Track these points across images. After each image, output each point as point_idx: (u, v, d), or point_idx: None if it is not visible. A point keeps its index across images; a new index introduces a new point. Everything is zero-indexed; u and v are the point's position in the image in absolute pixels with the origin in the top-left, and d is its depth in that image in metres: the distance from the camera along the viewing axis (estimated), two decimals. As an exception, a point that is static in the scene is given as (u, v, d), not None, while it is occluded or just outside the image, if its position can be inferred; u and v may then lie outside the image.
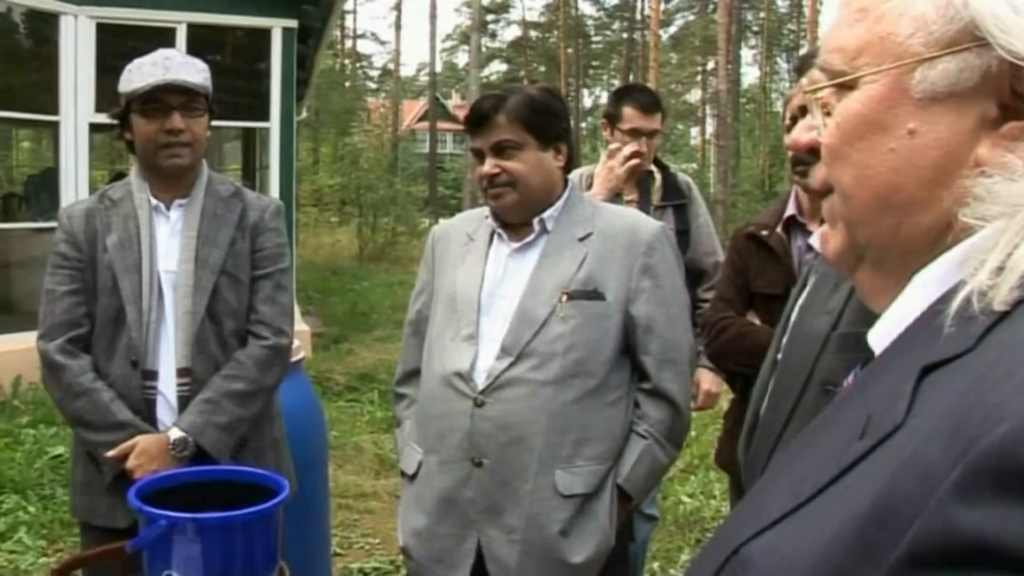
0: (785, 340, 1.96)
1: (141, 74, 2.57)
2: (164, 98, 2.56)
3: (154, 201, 2.67)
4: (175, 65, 2.58)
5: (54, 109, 8.33)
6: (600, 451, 2.38)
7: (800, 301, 1.97)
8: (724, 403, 4.07)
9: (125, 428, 2.53)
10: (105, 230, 2.62)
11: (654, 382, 2.42)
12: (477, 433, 2.36)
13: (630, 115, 3.65)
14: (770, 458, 1.74)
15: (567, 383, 2.34)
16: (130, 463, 2.50)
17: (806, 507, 0.64)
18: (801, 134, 0.87)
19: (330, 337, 10.25)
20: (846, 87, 0.77)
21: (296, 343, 3.66)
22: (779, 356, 1.96)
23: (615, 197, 3.51)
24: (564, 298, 2.37)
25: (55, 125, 8.51)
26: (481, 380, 2.37)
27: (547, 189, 2.46)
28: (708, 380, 3.55)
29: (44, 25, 8.60)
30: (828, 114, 0.80)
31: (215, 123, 2.79)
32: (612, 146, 3.54)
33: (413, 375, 2.63)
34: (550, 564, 2.35)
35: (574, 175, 3.25)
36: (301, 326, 8.87)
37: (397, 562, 4.37)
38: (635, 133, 3.61)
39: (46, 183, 10.33)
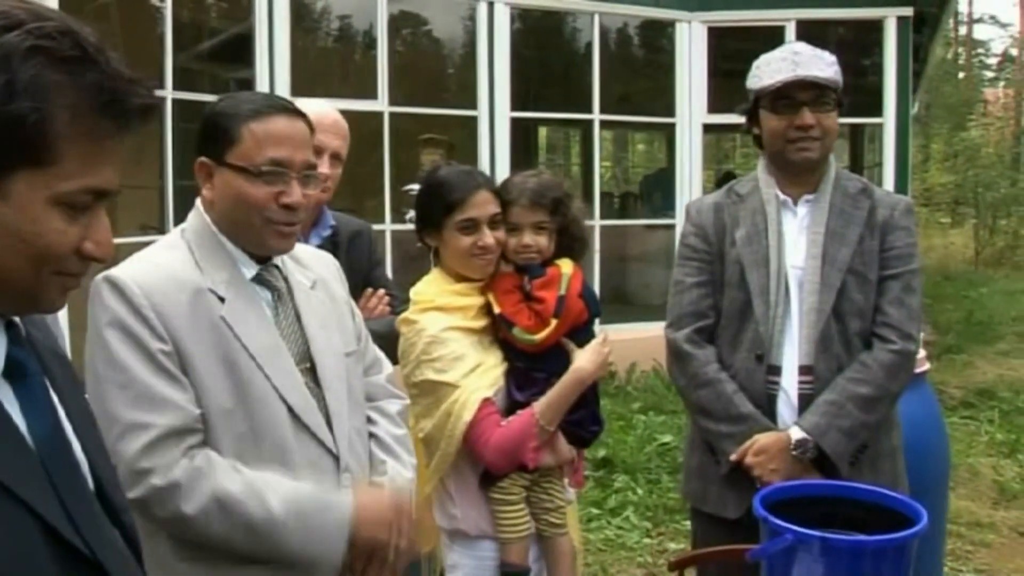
0: None
1: (770, 70, 2.58)
2: (794, 94, 2.55)
3: (781, 196, 2.66)
4: (804, 60, 2.56)
5: (669, 112, 8.84)
6: None
7: None
8: None
9: (746, 421, 2.55)
10: (733, 224, 2.66)
11: None
12: None
13: None
14: None
15: None
16: (749, 460, 2.52)
17: None
18: None
19: (942, 346, 9.58)
20: None
21: (921, 353, 3.39)
22: None
23: None
24: None
25: (670, 127, 9.03)
26: None
27: None
28: None
29: (659, 33, 9.16)
30: None
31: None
32: None
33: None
34: None
35: None
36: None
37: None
38: None
39: (659, 182, 11.00)
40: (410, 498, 2.04)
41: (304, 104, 2.65)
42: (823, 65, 2.56)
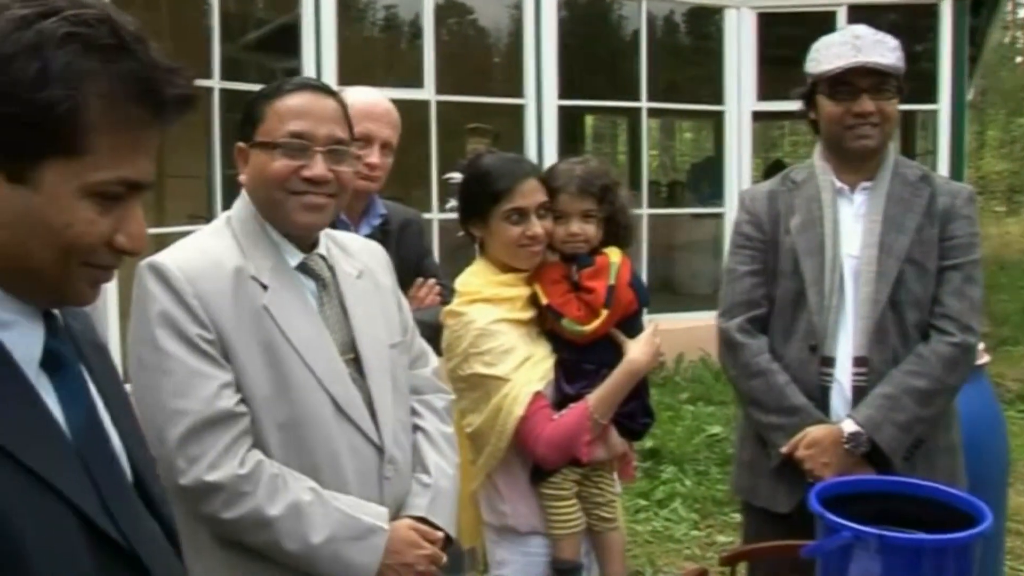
0: None
1: (830, 55, 2.50)
2: (854, 80, 2.48)
3: (838, 184, 2.59)
4: (866, 45, 2.48)
5: (717, 99, 8.74)
6: None
7: None
8: None
9: (797, 413, 2.50)
10: (788, 212, 2.60)
11: None
12: None
13: None
14: None
15: None
16: (800, 453, 2.47)
17: None
18: None
19: (997, 338, 9.36)
20: None
21: (980, 345, 3.30)
22: None
23: None
24: None
25: (718, 115, 8.94)
26: None
27: None
28: None
29: (707, 20, 9.04)
30: None
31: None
32: None
33: None
34: None
35: None
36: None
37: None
38: None
39: (707, 171, 10.90)
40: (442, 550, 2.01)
41: (356, 93, 2.63)
42: (885, 50, 2.47)
